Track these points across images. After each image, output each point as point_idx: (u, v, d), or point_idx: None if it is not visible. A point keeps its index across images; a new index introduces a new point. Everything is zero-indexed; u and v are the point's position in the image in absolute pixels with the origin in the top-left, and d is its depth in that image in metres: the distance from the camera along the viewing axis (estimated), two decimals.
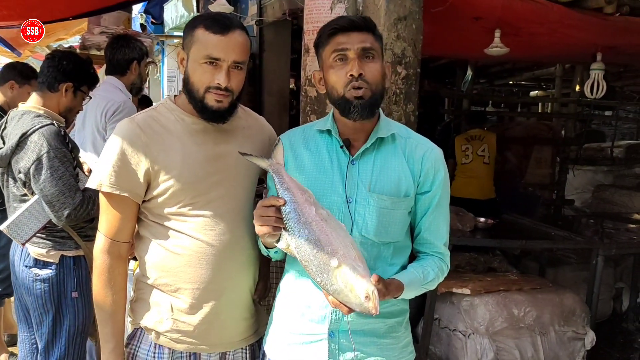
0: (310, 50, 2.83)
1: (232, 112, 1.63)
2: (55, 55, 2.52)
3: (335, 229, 1.38)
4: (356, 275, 1.31)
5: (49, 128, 2.32)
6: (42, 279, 2.41)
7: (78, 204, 2.29)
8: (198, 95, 1.58)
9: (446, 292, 3.34)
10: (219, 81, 1.55)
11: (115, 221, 1.63)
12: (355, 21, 1.51)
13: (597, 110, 8.96)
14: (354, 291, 1.31)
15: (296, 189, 1.44)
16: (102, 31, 5.53)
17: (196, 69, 1.56)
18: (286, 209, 1.41)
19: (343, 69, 1.50)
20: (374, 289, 1.31)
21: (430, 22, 2.99)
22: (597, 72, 4.43)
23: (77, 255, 2.46)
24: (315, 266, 1.36)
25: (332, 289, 1.35)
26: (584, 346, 3.46)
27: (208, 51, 1.53)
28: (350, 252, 1.35)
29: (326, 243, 1.35)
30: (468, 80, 7.01)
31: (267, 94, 4.96)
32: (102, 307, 1.65)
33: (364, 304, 1.31)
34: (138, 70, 3.32)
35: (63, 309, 2.44)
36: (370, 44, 1.51)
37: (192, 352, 1.70)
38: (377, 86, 1.52)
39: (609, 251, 3.64)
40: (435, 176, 1.58)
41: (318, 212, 1.40)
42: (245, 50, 1.58)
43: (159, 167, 1.59)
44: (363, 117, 1.52)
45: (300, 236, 1.38)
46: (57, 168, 2.27)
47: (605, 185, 6.61)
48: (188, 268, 1.63)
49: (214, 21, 1.54)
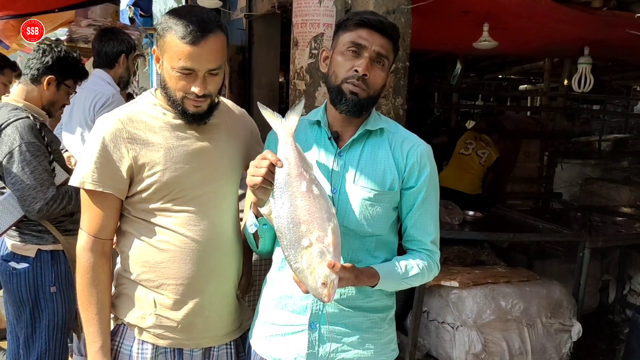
0: (299, 44, 2.82)
1: (211, 112, 1.62)
2: (40, 48, 2.49)
3: (321, 210, 1.37)
4: (321, 260, 1.31)
5: (23, 121, 2.28)
6: (18, 273, 2.38)
7: (50, 199, 2.25)
8: (176, 101, 1.57)
9: (435, 284, 3.36)
10: (195, 90, 1.52)
11: (98, 218, 1.60)
12: (384, 23, 1.52)
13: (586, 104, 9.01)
14: (313, 274, 1.31)
15: (295, 160, 1.41)
16: (90, 24, 5.49)
17: (171, 75, 1.53)
18: (277, 178, 1.40)
19: (351, 62, 1.50)
20: (334, 277, 1.31)
21: (419, 16, 2.99)
22: (585, 66, 4.47)
23: (55, 250, 2.42)
24: (287, 240, 1.36)
25: (295, 265, 1.35)
26: (570, 338, 3.49)
27: (182, 62, 1.48)
28: (327, 237, 1.34)
29: (305, 221, 1.35)
30: (457, 74, 7.02)
31: (256, 87, 4.94)
32: (87, 306, 1.62)
33: (319, 290, 1.31)
34: (126, 64, 3.30)
35: (41, 304, 2.40)
36: (387, 51, 1.52)
37: (176, 347, 1.69)
38: (374, 92, 1.54)
39: (596, 244, 3.67)
40: (421, 172, 1.58)
41: (309, 189, 1.38)
42: (221, 55, 1.54)
43: (142, 163, 1.57)
44: (350, 113, 1.53)
45: (283, 207, 1.37)
46: (29, 162, 2.24)
47: (593, 179, 6.66)
48: (172, 264, 1.62)
49: (185, 27, 1.47)
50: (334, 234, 1.35)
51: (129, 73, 3.41)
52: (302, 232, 1.34)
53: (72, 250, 2.40)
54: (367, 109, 1.56)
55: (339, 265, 1.32)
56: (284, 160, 1.41)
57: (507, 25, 4.06)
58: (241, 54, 5.08)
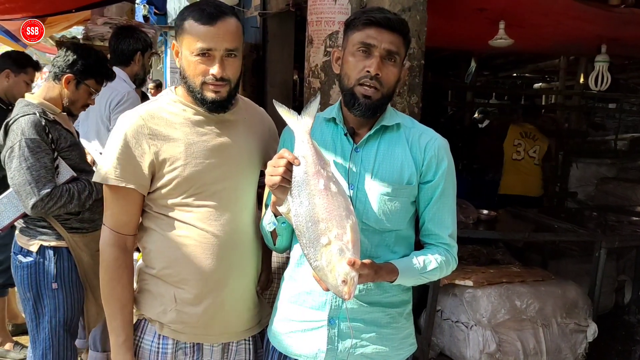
0: (313, 42, 2.82)
1: (231, 100, 1.64)
2: (66, 47, 2.52)
3: (339, 207, 1.37)
4: (341, 258, 1.31)
5: (27, 117, 2.30)
6: (22, 266, 2.41)
7: (45, 196, 2.24)
8: (195, 89, 1.58)
9: (449, 283, 3.35)
10: (213, 72, 1.54)
11: (121, 214, 1.63)
12: (392, 20, 1.50)
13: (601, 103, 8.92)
14: (333, 272, 1.31)
15: (313, 158, 1.41)
16: (105, 22, 5.52)
17: (190, 62, 1.56)
18: (295, 176, 1.40)
19: (362, 62, 1.50)
20: (354, 275, 1.31)
21: (434, 14, 2.98)
22: (602, 64, 4.42)
23: (58, 247, 2.43)
24: (306, 238, 1.36)
25: (314, 264, 1.35)
26: (586, 338, 3.46)
27: (198, 43, 1.52)
28: (347, 234, 1.34)
29: (323, 219, 1.35)
30: (471, 72, 6.99)
31: (270, 85, 4.95)
32: (110, 301, 1.65)
33: (339, 287, 1.31)
34: (142, 61, 3.33)
35: (44, 300, 2.42)
36: (397, 47, 1.51)
37: (196, 342, 1.71)
38: (388, 90, 1.53)
39: (612, 244, 3.63)
40: (439, 166, 1.57)
41: (327, 186, 1.38)
42: (236, 37, 1.57)
43: (163, 158, 1.59)
44: (365, 116, 1.54)
45: (301, 206, 1.37)
46: (26, 157, 2.25)
47: (608, 178, 6.59)
48: (192, 259, 1.63)
49: (201, 11, 1.52)
50: (352, 231, 1.34)
51: (145, 71, 3.44)
52: (321, 230, 1.34)
53: (78, 248, 2.43)
54: (381, 110, 1.56)
55: (359, 263, 1.32)
56: (301, 159, 1.40)
57: (523, 23, 4.03)
58: (255, 52, 5.08)
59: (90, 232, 2.48)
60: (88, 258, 2.47)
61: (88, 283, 2.50)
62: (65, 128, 2.46)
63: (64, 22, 6.46)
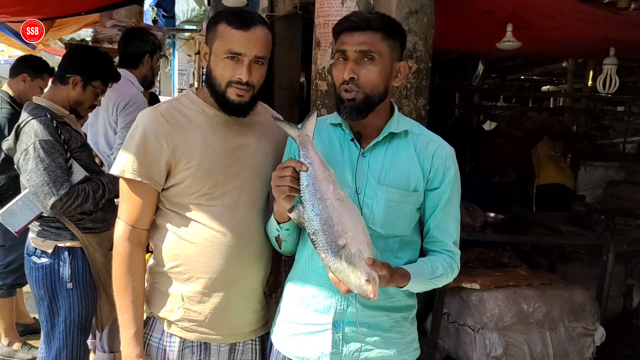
0: (321, 44, 2.83)
1: (252, 106, 1.67)
2: (72, 49, 2.54)
3: (349, 211, 1.39)
4: (361, 258, 1.33)
5: (39, 119, 2.32)
6: (37, 267, 2.43)
7: (64, 195, 2.27)
8: (220, 89, 1.61)
9: (455, 286, 3.34)
10: (240, 76, 1.58)
11: (136, 208, 1.65)
12: (356, 21, 1.51)
13: (610, 106, 8.87)
14: (355, 272, 1.32)
15: (318, 165, 1.44)
16: (114, 24, 5.56)
17: (218, 63, 1.59)
18: (304, 182, 1.42)
19: (342, 70, 1.52)
20: (376, 274, 1.32)
21: (441, 16, 2.98)
22: (610, 67, 4.39)
23: (73, 247, 2.45)
24: (323, 241, 1.37)
25: (334, 266, 1.35)
26: (593, 342, 3.45)
27: (230, 46, 1.56)
28: (360, 236, 1.36)
29: (337, 222, 1.36)
30: (479, 75, 6.97)
31: (277, 87, 4.95)
32: (123, 294, 1.66)
33: (363, 287, 1.32)
34: (150, 64, 3.34)
35: (59, 300, 2.44)
36: (371, 46, 1.50)
37: (203, 341, 1.72)
38: (372, 89, 1.52)
39: (620, 247, 3.61)
40: (445, 173, 1.58)
41: (335, 192, 1.41)
42: (266, 46, 1.62)
43: (180, 156, 1.62)
44: (351, 118, 1.54)
45: (314, 210, 1.39)
46: (42, 159, 2.27)
47: (616, 182, 6.56)
48: (201, 257, 1.65)
49: (236, 17, 1.58)
50: (364, 234, 1.37)
51: (153, 73, 3.45)
52: (338, 233, 1.36)
53: (92, 248, 2.46)
54: (368, 110, 1.54)
55: (378, 262, 1.33)
56: (308, 165, 1.43)
57: (531, 25, 4.02)
58: None
59: (103, 231, 2.51)
60: (101, 257, 2.49)
61: (101, 282, 2.53)
62: (75, 129, 2.48)
63: (73, 25, 6.52)
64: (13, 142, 2.39)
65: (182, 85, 9.99)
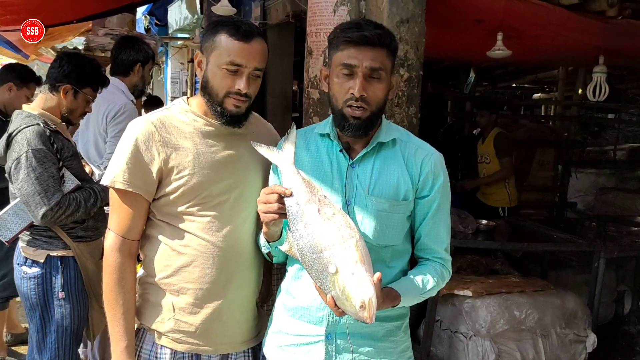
0: (313, 53, 2.84)
1: (247, 116, 1.67)
2: (59, 57, 2.53)
3: (339, 229, 1.36)
4: (353, 282, 1.30)
5: (32, 128, 2.31)
6: (28, 277, 2.41)
7: (55, 205, 2.26)
8: (217, 99, 1.60)
9: (448, 293, 3.35)
10: (239, 87, 1.58)
11: (126, 219, 1.63)
12: (369, 37, 1.46)
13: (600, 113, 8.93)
14: (349, 300, 1.30)
15: (301, 187, 1.42)
16: (107, 32, 5.56)
17: (217, 73, 1.58)
18: (288, 209, 1.41)
19: (347, 83, 1.49)
20: (370, 297, 1.28)
21: (432, 25, 3.00)
22: (600, 75, 4.42)
23: (65, 256, 2.44)
24: (315, 271, 1.36)
25: (330, 294, 1.34)
26: (585, 349, 3.46)
27: (231, 57, 1.56)
28: (352, 255, 1.32)
29: (326, 247, 1.34)
30: (471, 83, 7.02)
31: (270, 95, 4.97)
32: (114, 306, 1.64)
33: (359, 314, 1.30)
34: (141, 73, 3.33)
35: (51, 309, 2.43)
36: (381, 63, 1.48)
37: (194, 353, 1.70)
38: (377, 106, 1.52)
39: (611, 254, 3.63)
40: (435, 181, 1.57)
41: (322, 212, 1.38)
42: (264, 58, 1.62)
43: (172, 166, 1.61)
44: (356, 136, 1.53)
45: (301, 239, 1.37)
46: (34, 168, 2.26)
47: (608, 188, 6.60)
48: (192, 268, 1.64)
49: (237, 28, 1.57)
50: (358, 249, 1.33)
51: (144, 82, 3.43)
52: (327, 259, 1.33)
53: (83, 257, 2.45)
54: (372, 126, 1.55)
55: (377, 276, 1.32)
56: (291, 190, 1.42)
57: (522, 34, 4.05)
58: None
59: (94, 239, 2.50)
60: (92, 266, 2.48)
61: (92, 291, 2.51)
62: (66, 138, 2.48)
63: (66, 33, 6.51)
64: (3, 150, 2.38)
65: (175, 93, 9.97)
